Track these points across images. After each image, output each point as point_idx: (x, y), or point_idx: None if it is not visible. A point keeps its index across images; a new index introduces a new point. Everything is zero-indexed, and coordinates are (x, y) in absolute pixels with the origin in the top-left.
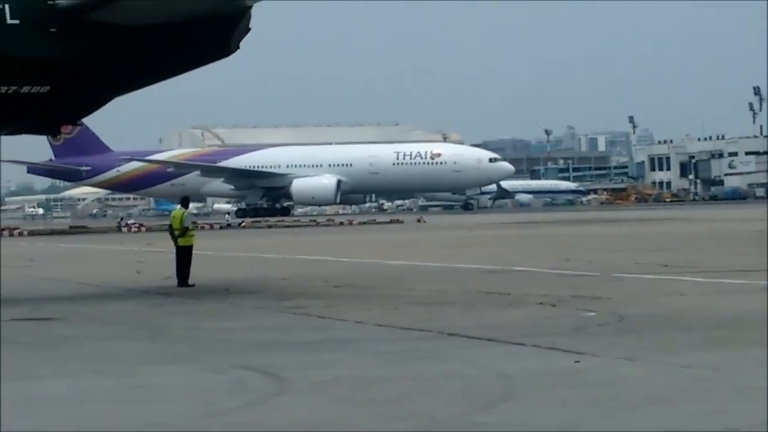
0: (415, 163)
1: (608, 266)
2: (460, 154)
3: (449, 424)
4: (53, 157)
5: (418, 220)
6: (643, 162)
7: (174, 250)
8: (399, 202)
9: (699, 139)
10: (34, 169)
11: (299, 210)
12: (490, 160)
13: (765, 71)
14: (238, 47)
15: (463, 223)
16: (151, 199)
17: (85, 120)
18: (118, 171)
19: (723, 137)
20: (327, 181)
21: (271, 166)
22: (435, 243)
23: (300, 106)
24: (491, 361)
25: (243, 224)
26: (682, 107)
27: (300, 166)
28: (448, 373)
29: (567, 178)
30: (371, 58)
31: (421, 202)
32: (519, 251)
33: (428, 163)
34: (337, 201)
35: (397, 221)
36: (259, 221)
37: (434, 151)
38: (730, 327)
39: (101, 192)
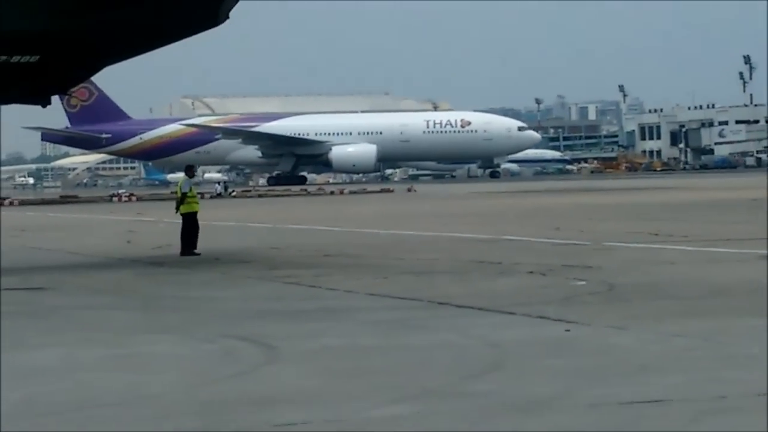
0: (446, 132)
1: (599, 235)
2: (490, 122)
3: (439, 392)
4: (69, 125)
5: (409, 190)
6: (634, 131)
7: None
8: (389, 171)
9: (689, 108)
10: (49, 136)
11: None
12: (519, 129)
13: (755, 40)
14: (227, 16)
15: (454, 192)
16: (142, 168)
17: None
18: (141, 138)
19: (713, 106)
20: (367, 149)
21: (299, 134)
22: (426, 212)
23: (290, 75)
24: (481, 330)
25: (233, 193)
26: (673, 76)
27: (329, 134)
28: (438, 342)
29: (557, 148)
30: (361, 28)
31: (411, 171)
32: (510, 220)
33: (459, 132)
34: (376, 169)
35: (388, 190)
36: (249, 191)
37: (464, 119)
38: (720, 295)
39: (91, 161)
